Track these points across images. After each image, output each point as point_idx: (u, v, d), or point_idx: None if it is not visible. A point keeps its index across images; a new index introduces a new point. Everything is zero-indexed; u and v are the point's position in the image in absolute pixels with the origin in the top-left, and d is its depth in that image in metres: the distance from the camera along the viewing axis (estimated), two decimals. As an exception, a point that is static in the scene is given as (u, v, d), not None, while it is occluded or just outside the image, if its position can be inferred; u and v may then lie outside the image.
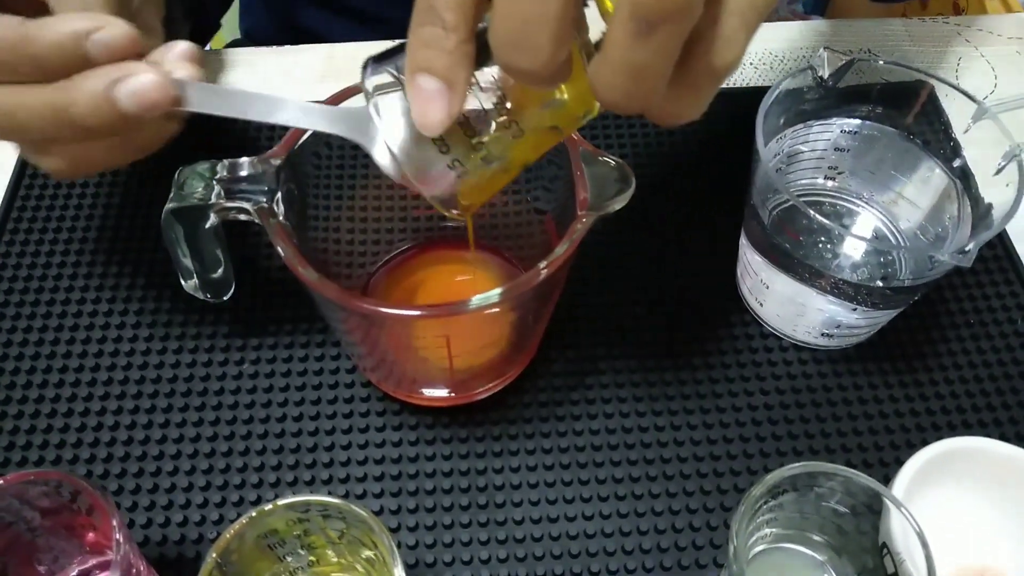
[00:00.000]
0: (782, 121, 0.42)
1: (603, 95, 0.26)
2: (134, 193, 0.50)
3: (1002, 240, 0.48)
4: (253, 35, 0.76)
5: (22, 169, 0.51)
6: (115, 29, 0.30)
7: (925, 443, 0.41)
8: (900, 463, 0.37)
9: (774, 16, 1.64)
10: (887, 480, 0.40)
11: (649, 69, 0.25)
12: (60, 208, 0.49)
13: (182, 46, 0.31)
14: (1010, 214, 0.36)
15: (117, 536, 0.30)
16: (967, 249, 0.35)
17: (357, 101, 0.38)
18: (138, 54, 0.31)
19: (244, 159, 0.35)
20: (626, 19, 0.24)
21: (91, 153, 0.33)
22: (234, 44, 0.76)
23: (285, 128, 0.37)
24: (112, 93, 0.29)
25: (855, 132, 0.44)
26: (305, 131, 0.37)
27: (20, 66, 0.30)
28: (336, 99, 0.38)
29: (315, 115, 0.33)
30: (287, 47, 0.58)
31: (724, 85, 0.61)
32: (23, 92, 0.30)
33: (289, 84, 0.55)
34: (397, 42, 0.29)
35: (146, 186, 0.50)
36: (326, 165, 0.41)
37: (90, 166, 0.34)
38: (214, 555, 0.30)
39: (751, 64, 0.57)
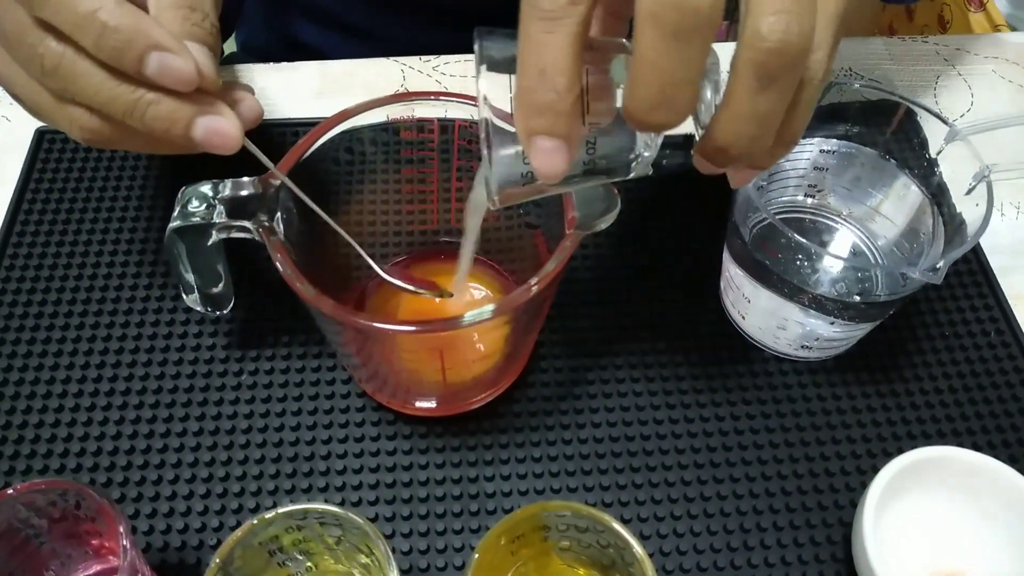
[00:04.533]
0: (763, 141, 0.44)
1: (729, 145, 0.28)
2: (136, 208, 0.51)
3: (977, 255, 0.50)
4: (249, 48, 0.78)
5: (27, 178, 0.52)
6: (182, 64, 0.30)
7: (900, 451, 0.42)
8: (876, 470, 0.39)
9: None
10: (863, 486, 0.41)
11: (772, 115, 0.27)
12: (63, 222, 0.51)
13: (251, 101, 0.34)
14: (979, 232, 0.38)
15: (124, 542, 0.31)
16: (938, 267, 0.36)
17: (357, 121, 0.40)
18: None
19: (245, 179, 0.37)
20: (749, 76, 0.26)
21: (137, 137, 0.33)
22: (231, 57, 0.78)
23: (283, 153, 0.39)
24: (193, 120, 0.31)
25: (834, 151, 0.45)
26: (303, 152, 0.38)
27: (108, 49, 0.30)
28: (335, 120, 0.39)
29: None
30: (284, 64, 0.59)
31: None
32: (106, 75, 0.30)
33: (286, 100, 0.57)
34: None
35: (147, 201, 0.52)
36: (322, 181, 0.42)
37: (114, 143, 0.34)
38: (217, 560, 0.31)
39: (736, 82, 0.58)
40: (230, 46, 0.81)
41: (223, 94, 0.34)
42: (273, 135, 0.54)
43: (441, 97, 0.40)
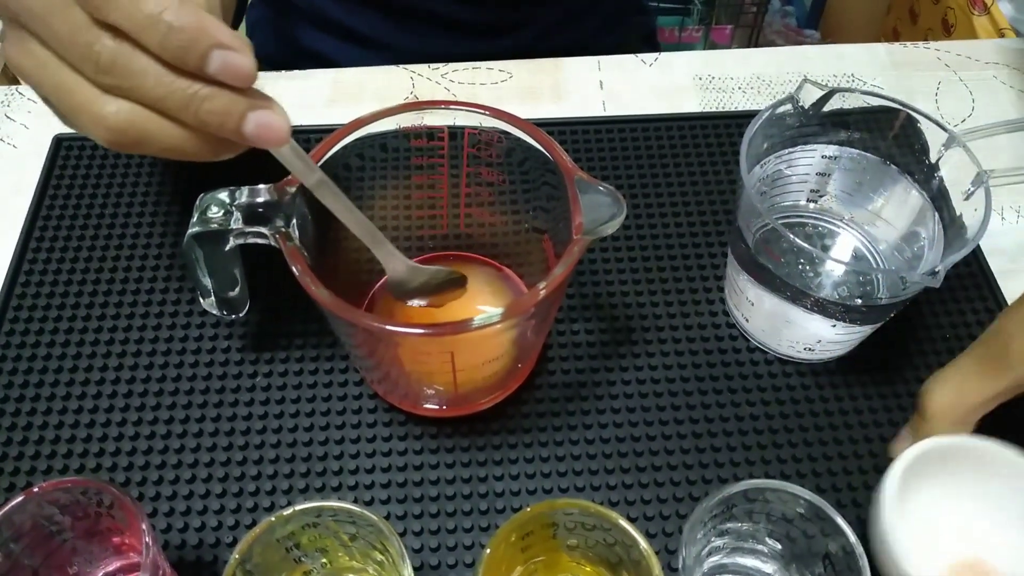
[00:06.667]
0: (766, 147, 0.45)
1: None
2: (152, 214, 0.52)
3: (977, 257, 0.51)
4: (260, 56, 0.78)
5: (45, 184, 0.53)
6: (244, 61, 0.30)
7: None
8: (879, 471, 0.40)
9: (764, 40, 1.66)
10: (867, 486, 0.42)
11: None
12: (80, 227, 0.52)
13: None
14: (977, 236, 0.39)
15: (146, 539, 0.32)
16: (937, 270, 0.37)
17: (365, 129, 0.41)
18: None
19: (262, 186, 0.38)
20: None
21: (171, 134, 0.32)
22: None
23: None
24: (246, 114, 0.31)
25: (836, 157, 0.46)
26: (318, 160, 0.39)
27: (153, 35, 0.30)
28: (349, 128, 0.40)
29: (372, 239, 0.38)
30: (296, 72, 0.60)
31: (717, 108, 0.64)
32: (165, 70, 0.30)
33: (299, 108, 0.58)
34: None
35: (164, 207, 0.53)
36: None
37: (140, 143, 0.32)
38: (236, 556, 0.32)
39: (740, 89, 0.59)
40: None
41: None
42: (285, 142, 0.55)
43: (451, 106, 0.41)
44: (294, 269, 0.37)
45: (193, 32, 0.29)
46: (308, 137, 0.56)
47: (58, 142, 0.55)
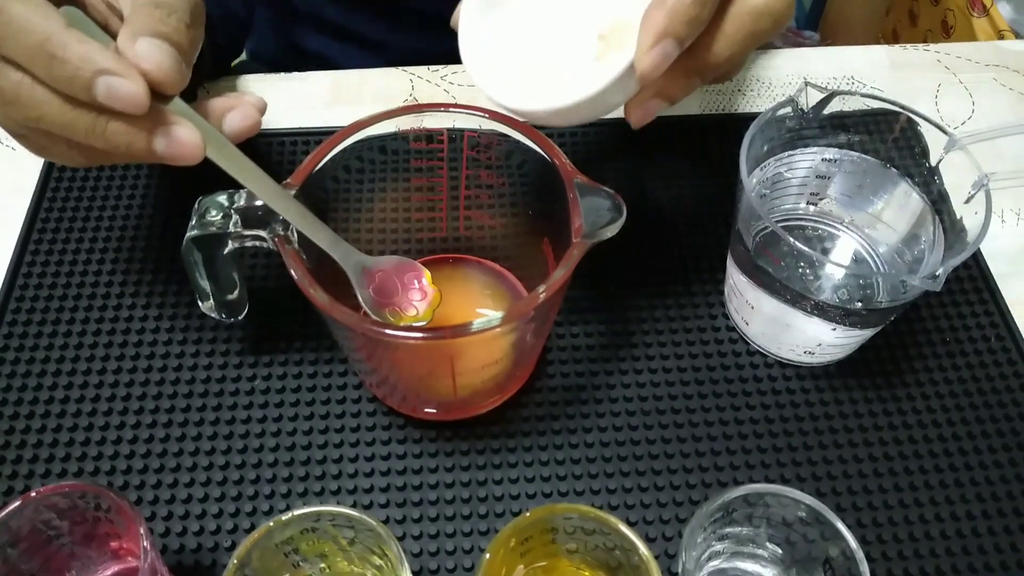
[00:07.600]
0: (766, 149, 0.45)
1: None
2: (151, 217, 0.52)
3: (977, 261, 0.51)
4: (258, 56, 0.79)
5: (43, 187, 0.53)
6: (130, 87, 0.30)
7: (901, 455, 0.43)
8: (878, 474, 0.39)
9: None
10: (867, 490, 0.42)
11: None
12: (79, 230, 0.52)
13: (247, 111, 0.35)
14: (978, 240, 0.38)
15: (144, 543, 0.32)
16: (937, 274, 0.37)
17: (362, 132, 0.41)
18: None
19: (260, 189, 0.38)
20: None
21: (100, 153, 0.34)
22: (240, 65, 0.79)
23: (295, 161, 0.40)
24: (152, 134, 0.31)
25: (836, 160, 0.46)
26: (318, 162, 0.39)
27: (38, 63, 0.30)
28: (349, 131, 0.40)
29: (312, 228, 0.38)
30: (294, 73, 0.60)
31: (717, 110, 0.64)
32: (59, 99, 0.31)
33: (297, 110, 0.58)
34: None
35: (162, 211, 0.53)
36: (334, 190, 0.43)
37: (105, 159, 0.35)
38: (235, 561, 0.32)
39: (739, 91, 0.59)
40: (239, 54, 0.82)
41: (221, 101, 0.35)
42: (285, 144, 0.55)
43: (451, 108, 0.41)
44: (293, 272, 0.37)
45: (76, 60, 0.30)
46: (307, 139, 0.56)
47: (56, 144, 0.55)
